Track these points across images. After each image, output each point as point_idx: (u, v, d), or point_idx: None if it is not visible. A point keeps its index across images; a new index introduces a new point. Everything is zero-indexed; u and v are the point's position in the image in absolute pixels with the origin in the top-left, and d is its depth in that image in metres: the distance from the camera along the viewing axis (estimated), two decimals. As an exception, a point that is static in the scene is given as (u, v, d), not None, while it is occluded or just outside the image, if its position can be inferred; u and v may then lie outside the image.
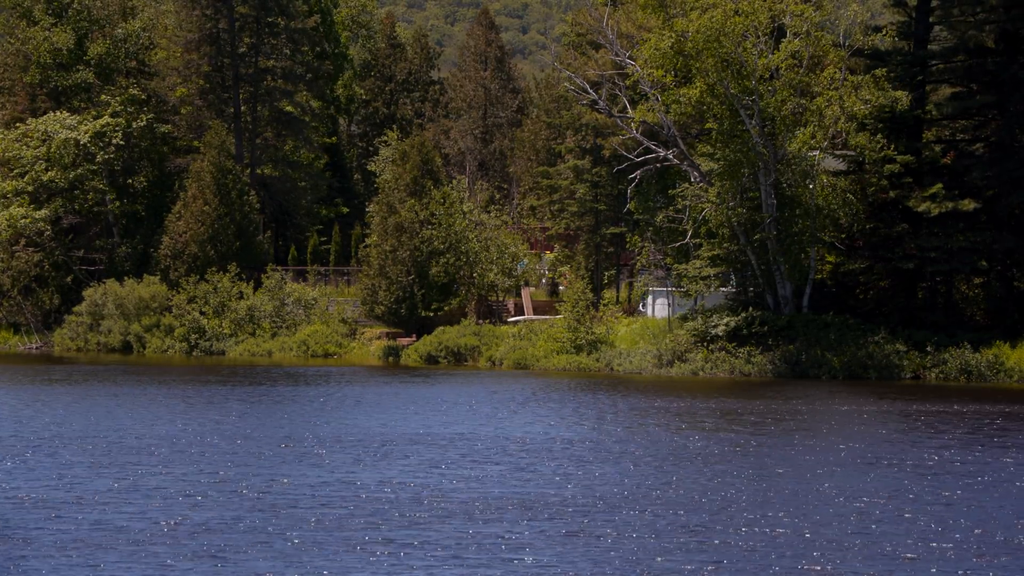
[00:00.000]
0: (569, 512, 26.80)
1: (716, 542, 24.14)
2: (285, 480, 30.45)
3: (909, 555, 23.33)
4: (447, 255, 74.42)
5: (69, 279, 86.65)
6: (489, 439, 38.15)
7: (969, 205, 62.65)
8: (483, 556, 22.81)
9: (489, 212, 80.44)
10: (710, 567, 22.32)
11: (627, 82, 68.54)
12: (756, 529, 25.30)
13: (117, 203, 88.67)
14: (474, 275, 75.85)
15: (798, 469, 32.80)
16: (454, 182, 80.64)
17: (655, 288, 71.75)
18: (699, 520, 26.10)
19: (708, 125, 65.35)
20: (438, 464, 33.26)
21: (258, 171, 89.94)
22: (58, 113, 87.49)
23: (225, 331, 78.62)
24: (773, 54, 62.63)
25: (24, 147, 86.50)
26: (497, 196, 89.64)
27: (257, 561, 22.46)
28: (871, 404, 48.81)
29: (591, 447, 36.77)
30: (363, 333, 77.88)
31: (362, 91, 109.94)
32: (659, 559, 22.81)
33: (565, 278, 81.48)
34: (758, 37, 62.41)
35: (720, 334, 62.97)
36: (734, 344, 62.77)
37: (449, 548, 23.41)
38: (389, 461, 33.69)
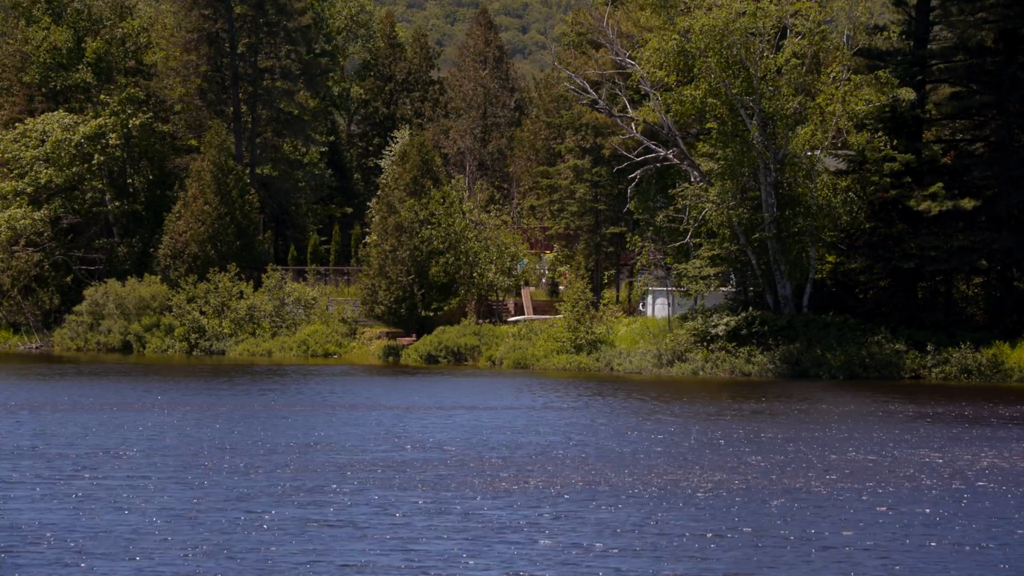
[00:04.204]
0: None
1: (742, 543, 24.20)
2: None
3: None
4: (447, 255, 74.42)
5: (69, 279, 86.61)
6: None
7: (969, 203, 62.67)
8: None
9: (489, 212, 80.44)
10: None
11: (629, 82, 68.48)
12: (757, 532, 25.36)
13: (116, 203, 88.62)
14: (474, 275, 75.85)
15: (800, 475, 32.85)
16: (453, 182, 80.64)
17: (655, 288, 71.72)
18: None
19: (708, 125, 65.33)
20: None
21: (258, 171, 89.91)
22: (56, 113, 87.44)
23: (225, 331, 78.59)
24: (777, 54, 62.61)
25: (23, 147, 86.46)
26: (497, 196, 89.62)
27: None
28: (870, 404, 48.80)
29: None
30: (363, 333, 77.87)
31: (361, 91, 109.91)
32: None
33: (565, 278, 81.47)
34: (763, 38, 62.37)
35: (720, 334, 62.96)
36: (734, 344, 62.76)
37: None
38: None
